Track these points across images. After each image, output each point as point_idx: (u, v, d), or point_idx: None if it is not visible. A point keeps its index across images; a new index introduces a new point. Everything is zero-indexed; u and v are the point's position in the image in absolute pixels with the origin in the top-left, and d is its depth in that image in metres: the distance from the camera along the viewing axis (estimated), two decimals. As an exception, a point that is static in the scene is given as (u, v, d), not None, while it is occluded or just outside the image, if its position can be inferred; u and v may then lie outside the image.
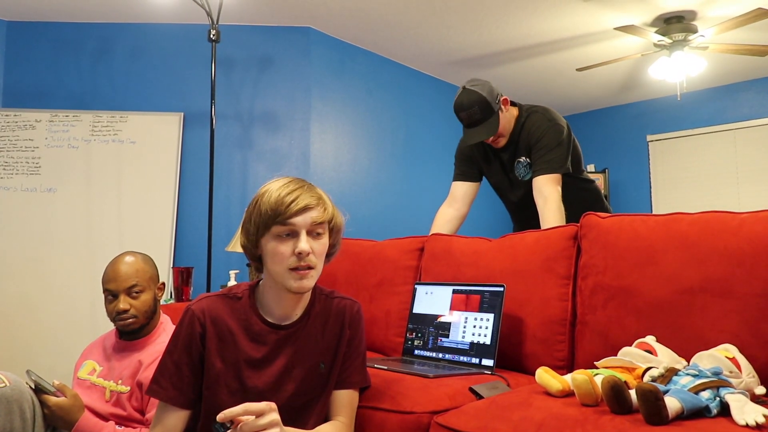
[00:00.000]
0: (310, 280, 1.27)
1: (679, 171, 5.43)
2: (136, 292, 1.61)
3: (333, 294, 1.42)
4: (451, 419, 1.25)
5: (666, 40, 3.84)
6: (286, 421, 1.29)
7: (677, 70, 3.97)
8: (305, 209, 1.24)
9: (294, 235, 1.25)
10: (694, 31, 3.82)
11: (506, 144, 2.34)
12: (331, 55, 4.06)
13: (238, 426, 1.09)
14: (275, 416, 1.12)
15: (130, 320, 1.61)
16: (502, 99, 2.23)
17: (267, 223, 1.24)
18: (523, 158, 2.30)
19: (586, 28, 3.98)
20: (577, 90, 5.33)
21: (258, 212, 1.26)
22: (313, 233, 1.27)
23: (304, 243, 1.23)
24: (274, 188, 1.26)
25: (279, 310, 1.33)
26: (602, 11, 3.72)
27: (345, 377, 1.38)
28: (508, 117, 2.27)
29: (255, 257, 1.31)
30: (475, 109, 2.18)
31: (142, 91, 3.75)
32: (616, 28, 3.68)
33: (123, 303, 1.60)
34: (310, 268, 1.25)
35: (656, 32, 3.81)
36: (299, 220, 1.24)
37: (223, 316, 1.30)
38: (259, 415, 1.10)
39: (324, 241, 1.30)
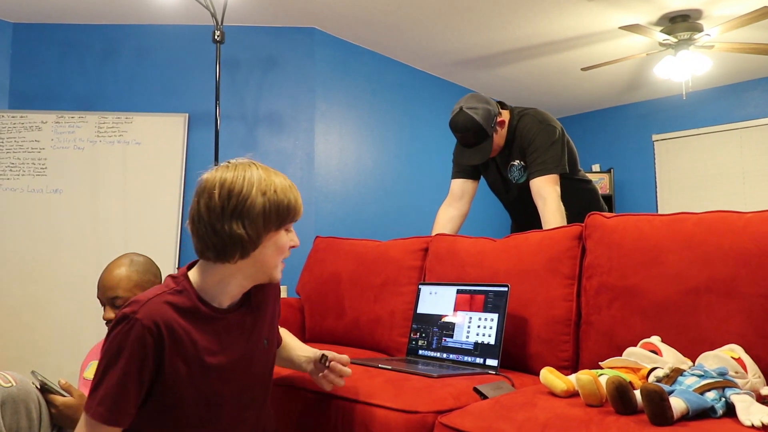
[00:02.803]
0: None
1: (684, 171, 5.40)
2: (119, 304, 1.61)
3: None
4: (455, 419, 1.25)
5: (671, 39, 3.83)
6: (257, 399, 1.34)
7: (683, 70, 3.96)
8: None
9: (289, 231, 1.30)
10: (700, 30, 3.81)
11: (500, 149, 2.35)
12: (335, 55, 4.06)
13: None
14: None
15: None
16: (498, 121, 2.24)
17: (284, 219, 1.25)
18: (517, 162, 2.31)
19: (591, 28, 3.97)
20: (581, 90, 5.32)
21: (278, 207, 1.23)
22: None
23: (297, 238, 1.32)
24: (281, 184, 1.25)
25: (227, 297, 1.27)
26: (607, 11, 3.71)
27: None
28: (502, 134, 2.29)
29: (250, 246, 1.22)
30: (469, 133, 2.21)
31: (147, 92, 3.76)
32: (621, 28, 3.67)
33: (108, 312, 1.62)
34: None
35: (661, 31, 3.80)
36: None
37: (174, 315, 1.19)
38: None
39: None
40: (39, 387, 1.50)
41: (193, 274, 1.26)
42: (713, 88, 5.28)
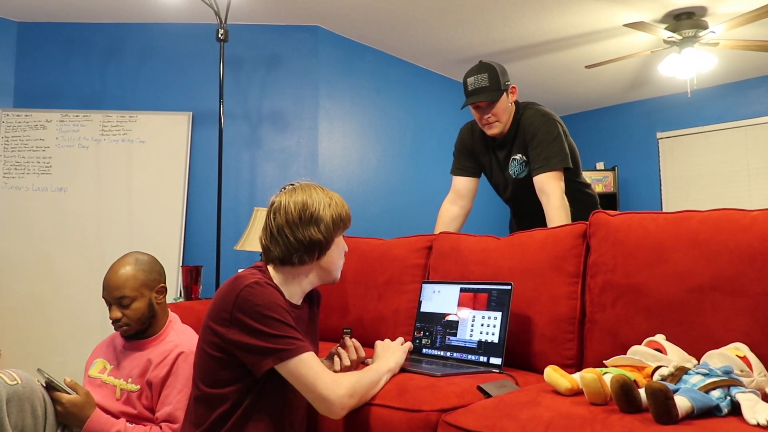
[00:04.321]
0: None
1: (689, 168, 5.39)
2: (126, 303, 1.61)
3: None
4: (459, 418, 1.25)
5: (676, 37, 3.81)
6: None
7: (687, 67, 3.94)
8: None
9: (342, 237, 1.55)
10: (705, 27, 3.79)
11: (502, 141, 2.32)
12: (338, 53, 4.06)
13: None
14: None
15: (125, 327, 1.63)
16: (511, 86, 2.24)
17: (345, 224, 1.51)
18: (519, 156, 2.29)
19: (596, 25, 3.96)
20: (586, 87, 5.30)
21: (341, 215, 1.49)
22: None
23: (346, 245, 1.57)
24: (338, 198, 1.52)
25: (297, 296, 1.49)
26: (611, 8, 3.70)
27: None
28: (509, 106, 2.27)
29: (325, 247, 1.48)
30: (484, 76, 2.20)
31: (151, 90, 3.77)
32: (625, 25, 3.66)
33: (114, 312, 1.61)
34: None
35: (666, 29, 3.78)
36: None
37: None
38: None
39: None
40: (44, 385, 1.51)
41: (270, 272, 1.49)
42: (718, 86, 5.26)
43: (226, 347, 1.33)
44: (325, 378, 1.31)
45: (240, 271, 1.47)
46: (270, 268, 1.48)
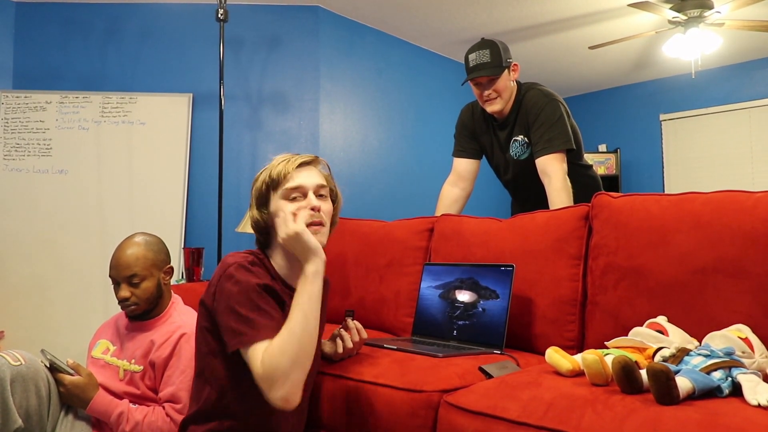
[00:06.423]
0: (323, 236, 1.35)
1: (692, 150, 5.36)
2: (136, 282, 1.61)
3: None
4: (460, 398, 1.26)
5: (681, 17, 3.76)
6: (312, 377, 1.44)
7: (692, 48, 3.90)
8: (306, 164, 1.38)
9: (303, 195, 1.35)
10: (710, 7, 3.74)
11: (504, 121, 2.30)
12: (340, 34, 4.02)
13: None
14: None
15: (133, 307, 1.63)
16: (513, 63, 2.23)
17: (276, 183, 1.35)
18: (520, 137, 2.27)
19: (599, 5, 3.91)
20: (589, 68, 5.25)
21: (264, 179, 1.37)
22: (317, 194, 1.37)
23: (314, 200, 1.34)
24: (277, 160, 1.39)
25: (291, 279, 1.38)
26: (616, -13, 3.65)
27: None
28: (511, 84, 2.25)
29: (264, 228, 1.39)
30: (485, 52, 2.20)
31: (150, 72, 3.73)
32: (629, 5, 3.61)
33: (124, 291, 1.61)
34: (321, 224, 1.34)
35: (671, 9, 3.73)
36: (305, 179, 1.35)
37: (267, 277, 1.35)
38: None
39: (328, 204, 1.39)
40: (48, 366, 1.52)
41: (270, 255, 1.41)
42: (723, 67, 5.21)
43: (214, 320, 1.32)
44: (257, 367, 1.18)
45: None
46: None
